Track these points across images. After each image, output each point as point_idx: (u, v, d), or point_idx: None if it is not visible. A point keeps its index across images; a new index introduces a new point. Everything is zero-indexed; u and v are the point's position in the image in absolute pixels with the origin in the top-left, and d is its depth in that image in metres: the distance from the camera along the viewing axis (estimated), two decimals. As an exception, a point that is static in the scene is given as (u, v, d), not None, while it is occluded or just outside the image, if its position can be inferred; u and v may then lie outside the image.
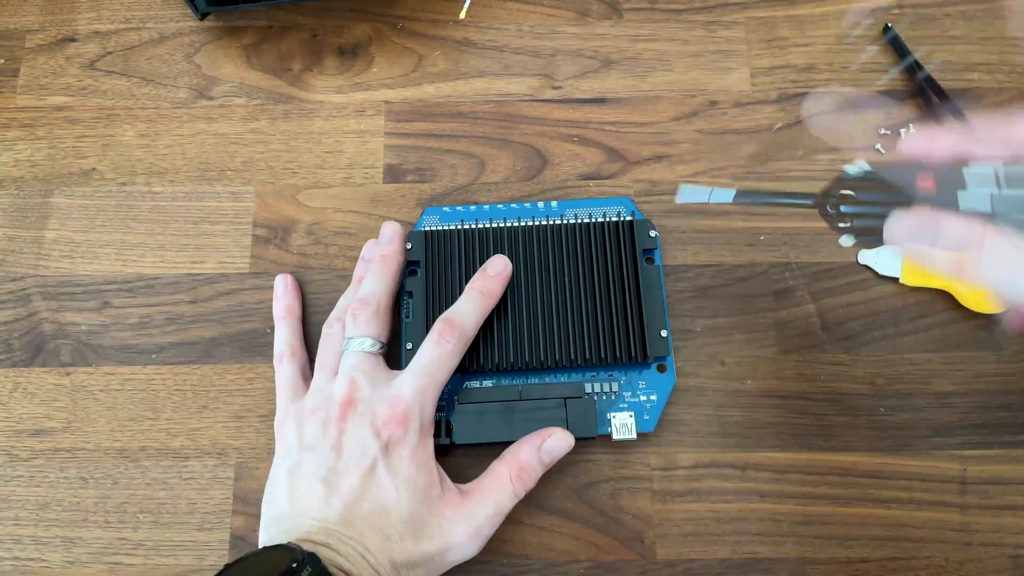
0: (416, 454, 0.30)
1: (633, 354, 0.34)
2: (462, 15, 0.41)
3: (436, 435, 0.32)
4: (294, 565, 0.25)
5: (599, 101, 0.39)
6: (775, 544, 0.33)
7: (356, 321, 0.32)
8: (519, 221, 0.36)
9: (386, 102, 0.40)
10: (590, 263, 0.35)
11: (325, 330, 0.34)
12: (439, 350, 0.31)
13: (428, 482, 0.30)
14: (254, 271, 0.37)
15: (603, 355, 0.34)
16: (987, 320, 0.36)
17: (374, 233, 0.37)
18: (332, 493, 0.29)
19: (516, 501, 0.31)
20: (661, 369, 0.35)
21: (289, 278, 0.36)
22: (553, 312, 0.34)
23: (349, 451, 0.30)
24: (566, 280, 0.35)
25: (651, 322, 0.34)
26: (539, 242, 0.35)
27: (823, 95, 0.39)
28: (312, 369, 0.34)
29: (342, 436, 0.30)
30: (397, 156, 0.39)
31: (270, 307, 0.36)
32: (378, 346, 0.32)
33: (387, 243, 0.35)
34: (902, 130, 0.38)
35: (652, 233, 0.36)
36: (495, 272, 0.34)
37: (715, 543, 0.33)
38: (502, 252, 0.35)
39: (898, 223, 0.25)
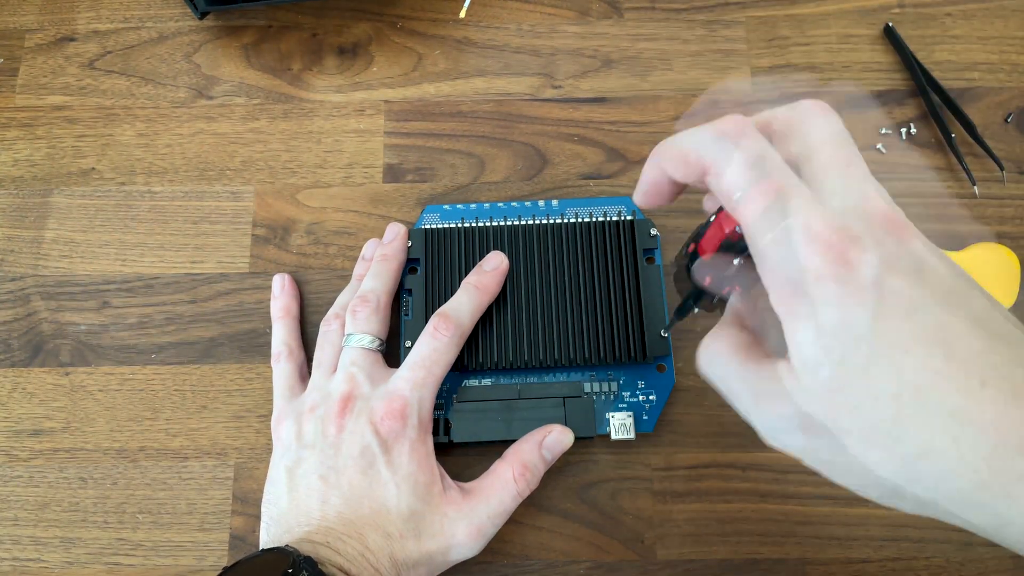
0: (415, 450, 0.30)
1: (633, 354, 0.33)
2: (462, 14, 0.41)
3: (435, 433, 0.32)
4: (290, 571, 0.24)
5: (599, 100, 0.39)
6: (775, 544, 0.33)
7: (356, 318, 0.32)
8: (519, 220, 0.36)
9: (386, 101, 0.40)
10: (590, 262, 0.35)
11: (323, 327, 0.34)
12: (435, 343, 0.31)
13: (429, 479, 0.30)
14: (254, 271, 0.37)
15: (603, 355, 0.34)
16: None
17: (374, 233, 0.37)
18: (331, 491, 0.29)
19: (520, 500, 0.31)
20: (660, 369, 0.34)
21: (286, 277, 0.36)
22: (553, 311, 0.34)
23: (348, 448, 0.30)
24: (566, 279, 0.35)
25: (651, 322, 0.34)
26: (539, 241, 0.35)
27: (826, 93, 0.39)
28: (309, 369, 0.34)
29: (341, 433, 0.30)
30: (397, 156, 0.39)
31: (269, 307, 0.36)
32: (377, 343, 0.32)
33: (390, 242, 0.35)
34: (903, 129, 0.38)
35: (652, 232, 0.35)
36: (491, 268, 0.34)
37: (715, 543, 0.33)
38: (502, 250, 0.35)
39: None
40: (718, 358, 0.22)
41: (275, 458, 0.32)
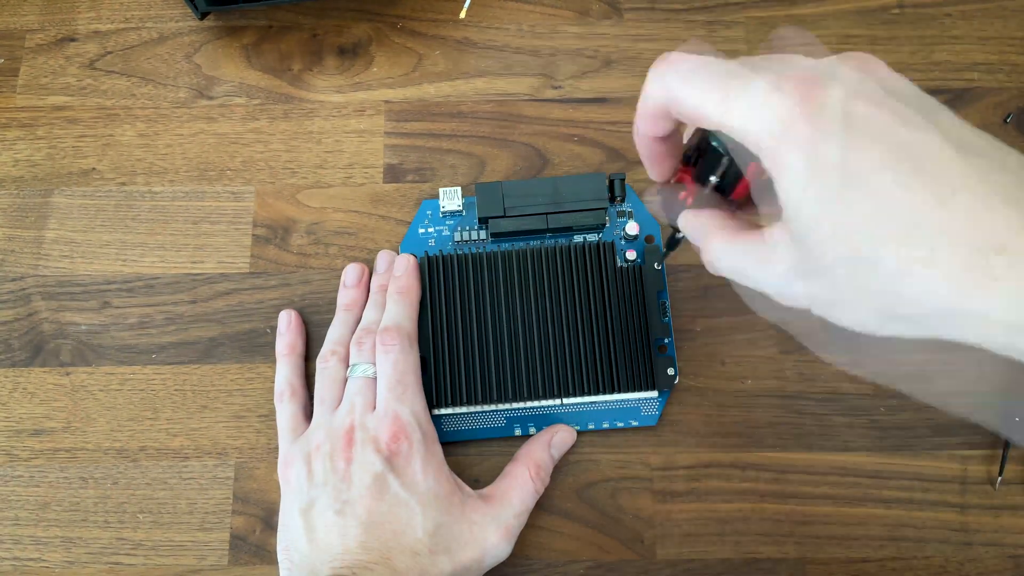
0: (428, 464, 0.30)
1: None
2: (462, 15, 0.41)
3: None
4: None
5: (599, 101, 0.39)
6: (775, 544, 0.33)
7: (361, 349, 0.32)
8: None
9: (386, 102, 0.40)
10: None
11: (320, 364, 0.34)
12: (390, 358, 0.31)
13: (449, 490, 0.30)
14: (254, 271, 0.37)
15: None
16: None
17: (375, 233, 0.37)
18: (349, 523, 0.29)
19: (537, 497, 0.32)
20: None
21: (293, 314, 0.35)
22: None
23: (359, 479, 0.29)
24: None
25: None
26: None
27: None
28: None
29: (350, 466, 0.30)
30: (397, 156, 0.39)
31: (270, 307, 0.36)
32: None
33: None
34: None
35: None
36: (403, 271, 0.34)
37: (715, 543, 0.33)
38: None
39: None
40: (724, 248, 0.22)
41: (286, 503, 0.31)
